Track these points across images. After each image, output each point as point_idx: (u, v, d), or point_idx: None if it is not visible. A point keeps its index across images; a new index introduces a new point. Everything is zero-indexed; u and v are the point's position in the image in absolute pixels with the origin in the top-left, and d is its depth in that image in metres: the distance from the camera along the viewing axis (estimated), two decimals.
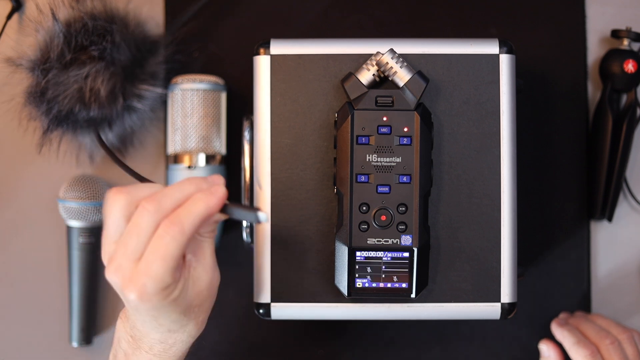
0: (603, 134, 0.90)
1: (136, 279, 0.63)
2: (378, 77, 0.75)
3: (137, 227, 0.63)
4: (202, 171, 0.87)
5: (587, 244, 0.92)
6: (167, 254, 0.63)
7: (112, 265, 0.64)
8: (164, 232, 0.63)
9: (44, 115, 0.85)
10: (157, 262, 0.63)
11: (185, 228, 0.63)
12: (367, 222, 0.73)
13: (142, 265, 0.63)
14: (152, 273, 0.63)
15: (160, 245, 0.63)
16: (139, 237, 0.63)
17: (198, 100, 0.87)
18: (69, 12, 0.85)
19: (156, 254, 0.63)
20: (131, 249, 0.63)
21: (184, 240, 0.63)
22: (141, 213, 0.63)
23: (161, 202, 0.64)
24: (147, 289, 0.63)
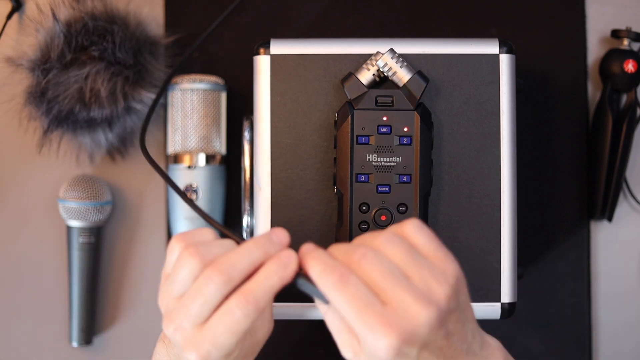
0: (603, 134, 0.90)
1: (200, 344, 0.61)
2: (378, 77, 0.75)
3: (202, 295, 0.60)
4: (202, 171, 0.87)
5: (587, 244, 0.92)
6: (237, 329, 0.60)
7: (173, 324, 0.62)
8: (237, 308, 0.60)
9: (44, 115, 0.86)
10: (225, 335, 0.60)
11: (260, 303, 0.60)
12: (367, 222, 0.73)
13: (209, 333, 0.61)
14: (218, 343, 0.61)
15: (231, 319, 0.60)
16: (203, 305, 0.61)
17: (198, 100, 0.87)
18: (70, 12, 0.85)
19: (226, 327, 0.60)
20: (194, 313, 0.61)
21: (257, 317, 0.61)
22: (207, 283, 0.60)
23: (230, 274, 0.60)
24: (211, 356, 0.61)
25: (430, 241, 0.61)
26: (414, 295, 0.57)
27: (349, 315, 0.57)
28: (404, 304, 0.57)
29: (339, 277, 0.58)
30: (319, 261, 0.59)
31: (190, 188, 0.87)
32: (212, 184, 0.88)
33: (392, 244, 0.60)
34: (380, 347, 0.56)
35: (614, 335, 0.92)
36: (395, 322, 0.56)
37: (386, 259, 0.59)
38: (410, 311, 0.57)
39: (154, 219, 0.93)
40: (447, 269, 0.60)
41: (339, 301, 0.57)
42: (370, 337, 0.57)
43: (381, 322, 0.56)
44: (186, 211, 0.87)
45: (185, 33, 0.92)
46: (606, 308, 0.92)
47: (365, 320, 0.57)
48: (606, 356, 0.92)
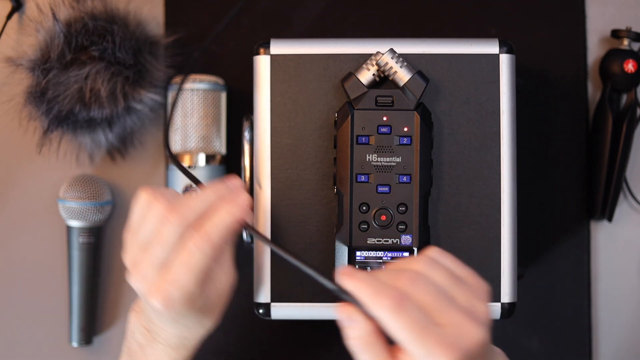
0: (603, 134, 0.90)
1: (162, 287, 0.64)
2: (378, 77, 0.75)
3: (161, 238, 0.65)
4: (202, 171, 0.87)
5: (587, 244, 0.92)
6: (194, 266, 0.64)
7: (137, 271, 0.66)
8: (193, 244, 0.64)
9: (44, 115, 0.86)
10: (184, 274, 0.64)
11: (214, 241, 0.65)
12: (367, 222, 0.73)
13: (169, 276, 0.64)
14: (179, 284, 0.64)
15: (188, 257, 0.64)
16: (163, 247, 0.65)
17: (198, 100, 0.87)
18: (70, 12, 0.85)
19: (184, 266, 0.64)
20: (156, 258, 0.65)
21: (212, 253, 0.65)
22: (165, 225, 0.65)
23: (184, 215, 0.65)
24: (173, 298, 0.64)
25: (456, 263, 0.63)
26: (465, 315, 0.59)
27: (407, 338, 0.57)
28: (458, 325, 0.58)
29: (396, 300, 0.57)
30: (368, 284, 0.59)
31: (190, 188, 0.87)
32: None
33: (432, 268, 0.61)
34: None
35: (614, 335, 0.92)
36: (453, 342, 0.57)
37: (433, 282, 0.60)
38: (465, 331, 0.58)
39: None
40: (480, 286, 0.62)
41: (396, 324, 0.57)
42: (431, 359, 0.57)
43: (441, 344, 0.57)
44: None
45: (185, 33, 0.92)
46: (606, 308, 0.92)
47: (425, 342, 0.57)
48: (606, 356, 0.92)
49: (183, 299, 0.65)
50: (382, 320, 0.58)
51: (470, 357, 0.58)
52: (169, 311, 0.65)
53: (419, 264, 0.61)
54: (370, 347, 0.59)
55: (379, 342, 0.59)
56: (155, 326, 0.71)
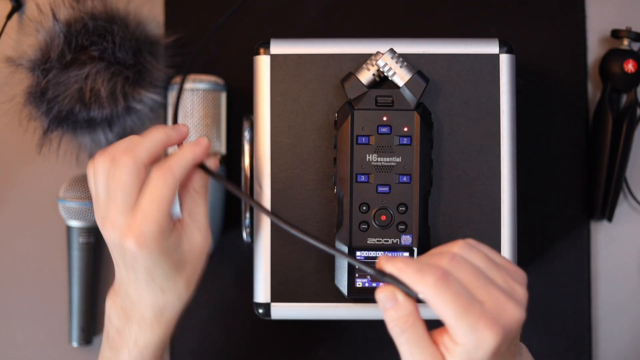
0: (603, 134, 0.90)
1: (134, 226, 0.66)
2: (378, 77, 0.75)
3: (120, 182, 0.66)
4: None
5: (587, 244, 0.92)
6: (160, 197, 0.66)
7: (107, 223, 0.67)
8: (156, 177, 0.66)
9: (44, 115, 0.86)
10: (152, 206, 0.66)
11: (175, 172, 0.67)
12: (367, 222, 0.73)
13: (139, 213, 0.66)
14: (149, 217, 0.66)
15: (153, 191, 0.66)
16: (124, 190, 0.66)
17: (198, 100, 0.87)
18: (70, 12, 0.85)
19: (151, 199, 0.66)
20: (120, 202, 0.66)
21: (175, 183, 0.67)
22: (120, 169, 0.66)
23: (135, 153, 0.67)
24: (146, 234, 0.66)
25: (493, 251, 0.64)
26: (505, 294, 0.60)
27: (451, 313, 0.58)
28: (499, 303, 0.60)
29: (440, 275, 0.59)
30: (410, 265, 0.60)
31: None
32: (212, 184, 0.88)
33: (470, 251, 0.62)
34: (485, 343, 0.58)
35: (614, 335, 0.92)
36: (496, 318, 0.59)
37: (472, 262, 0.61)
38: (506, 309, 0.60)
39: None
40: (519, 272, 0.64)
41: (441, 300, 0.58)
42: (474, 334, 0.58)
43: (484, 318, 0.58)
44: None
45: (185, 33, 0.92)
46: (606, 308, 0.92)
47: (468, 317, 0.58)
48: (606, 356, 0.92)
49: (155, 232, 0.66)
50: (427, 296, 0.59)
51: (509, 334, 0.59)
52: (142, 250, 0.66)
53: (457, 248, 0.62)
54: (410, 328, 0.60)
55: (419, 324, 0.60)
56: (130, 301, 0.71)
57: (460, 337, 0.59)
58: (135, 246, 0.66)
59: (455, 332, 0.59)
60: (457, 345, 0.59)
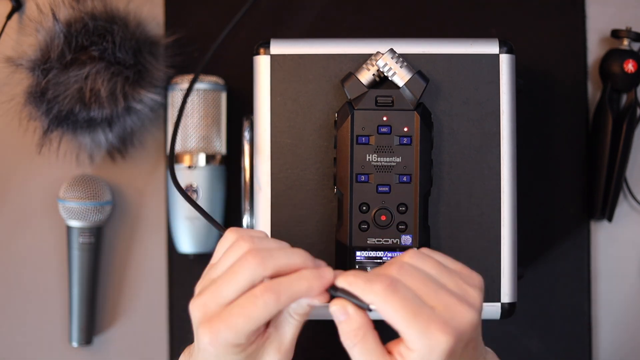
0: (603, 134, 0.90)
1: (215, 322, 0.62)
2: (378, 77, 0.75)
3: (234, 275, 0.63)
4: (202, 171, 0.87)
5: (587, 244, 0.92)
6: (253, 316, 0.62)
7: (199, 300, 0.64)
8: (260, 294, 0.62)
9: (44, 115, 0.86)
10: (240, 319, 0.62)
11: (281, 300, 0.62)
12: (367, 222, 0.73)
13: (226, 314, 0.62)
14: (231, 326, 0.62)
15: (250, 305, 0.62)
16: (231, 286, 0.62)
17: (198, 100, 0.87)
18: (70, 12, 0.85)
19: (243, 311, 0.62)
20: (221, 293, 0.63)
21: (275, 311, 0.62)
22: (242, 264, 0.63)
23: (265, 262, 0.62)
24: (220, 338, 0.62)
25: (446, 257, 0.65)
26: (456, 297, 0.61)
27: (401, 319, 0.59)
28: (450, 306, 0.60)
29: (388, 283, 0.59)
30: (359, 276, 0.61)
31: (190, 188, 0.87)
32: (212, 184, 0.88)
33: (420, 258, 0.63)
34: (437, 347, 0.58)
35: (614, 335, 0.92)
36: (448, 321, 0.59)
37: (422, 270, 0.62)
38: (457, 311, 0.60)
39: (154, 219, 0.93)
40: (473, 276, 0.64)
41: (390, 307, 0.59)
42: (425, 338, 0.58)
43: (436, 322, 0.59)
44: (186, 211, 0.87)
45: (185, 33, 0.92)
46: (606, 308, 0.92)
47: (418, 322, 0.59)
48: (606, 356, 0.92)
49: (230, 342, 0.63)
50: (376, 304, 0.59)
51: (462, 337, 0.59)
52: (213, 348, 0.63)
53: (406, 257, 0.63)
54: (362, 340, 0.61)
55: (370, 335, 0.61)
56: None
57: (412, 343, 0.59)
58: (207, 341, 0.63)
59: (408, 338, 0.59)
60: (411, 351, 0.59)
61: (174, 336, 0.92)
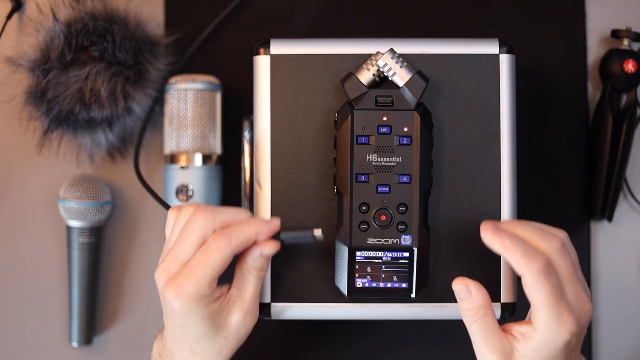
0: (603, 134, 0.90)
1: (176, 280, 0.67)
2: (378, 77, 0.75)
3: (186, 234, 0.68)
4: (198, 171, 0.87)
5: (587, 244, 0.92)
6: (209, 262, 0.67)
7: (160, 268, 0.69)
8: (212, 241, 0.67)
9: (44, 115, 0.86)
10: (198, 268, 0.67)
11: (232, 242, 0.67)
12: (367, 222, 0.73)
13: (185, 269, 0.67)
14: (192, 277, 0.67)
15: (205, 253, 0.67)
16: (186, 243, 0.68)
17: (193, 100, 0.87)
18: (70, 12, 0.85)
19: (199, 260, 0.67)
20: (179, 253, 0.68)
21: (228, 253, 0.67)
22: (192, 221, 0.68)
23: (213, 215, 0.68)
24: (184, 291, 0.67)
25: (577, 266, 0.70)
26: (586, 294, 0.68)
27: (544, 301, 0.65)
28: (581, 299, 0.67)
29: (545, 265, 0.65)
30: (519, 244, 0.66)
31: (184, 188, 0.87)
32: (207, 183, 0.88)
33: (565, 253, 0.68)
34: (563, 333, 0.65)
35: (614, 335, 0.92)
36: (577, 313, 0.66)
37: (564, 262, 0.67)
38: (584, 307, 0.67)
39: (154, 219, 0.93)
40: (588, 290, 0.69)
41: (539, 287, 0.65)
42: (556, 323, 0.65)
43: (570, 312, 0.65)
44: None
45: (185, 33, 0.92)
46: (606, 308, 0.92)
47: (558, 308, 0.65)
48: (606, 356, 0.92)
49: (193, 293, 0.67)
50: (526, 280, 0.65)
51: (582, 330, 0.67)
52: (177, 306, 0.67)
53: (557, 245, 0.68)
54: (482, 318, 0.68)
55: (489, 314, 0.68)
56: (166, 350, 0.72)
57: (542, 325, 0.65)
58: (172, 298, 0.67)
59: (541, 320, 0.65)
60: (536, 332, 0.66)
61: None
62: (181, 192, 0.87)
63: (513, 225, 0.69)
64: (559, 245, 0.67)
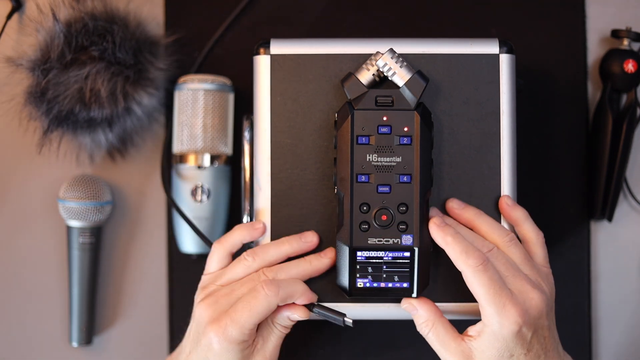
0: (603, 134, 0.90)
1: (222, 319, 0.70)
2: (378, 77, 0.75)
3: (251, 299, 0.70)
4: (208, 171, 0.87)
5: (587, 244, 0.92)
6: (254, 308, 0.70)
7: (210, 299, 0.72)
8: (261, 287, 0.71)
9: (44, 115, 0.86)
10: (244, 311, 0.70)
11: (280, 294, 0.71)
12: (367, 222, 0.73)
13: (231, 311, 0.70)
14: (237, 321, 0.70)
15: (252, 298, 0.70)
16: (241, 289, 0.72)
17: (208, 101, 0.87)
18: (70, 12, 0.85)
19: (246, 304, 0.70)
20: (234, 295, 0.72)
21: (274, 304, 0.71)
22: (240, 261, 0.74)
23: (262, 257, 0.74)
24: (227, 333, 0.70)
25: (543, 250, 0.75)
26: (531, 285, 0.70)
27: (485, 294, 0.69)
28: (524, 291, 0.70)
29: (482, 261, 0.70)
30: (459, 241, 0.71)
31: (200, 188, 0.87)
32: (218, 184, 0.88)
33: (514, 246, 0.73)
34: (508, 323, 0.68)
35: (614, 335, 0.92)
36: (520, 303, 0.69)
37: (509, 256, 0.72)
38: (529, 296, 0.70)
39: (154, 219, 0.93)
40: (549, 275, 0.74)
41: (478, 281, 0.69)
42: (500, 315, 0.68)
43: (512, 302, 0.68)
44: (190, 211, 0.87)
45: (185, 33, 0.92)
46: (606, 308, 0.92)
47: (499, 300, 0.68)
48: (606, 356, 0.92)
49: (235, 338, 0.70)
50: (466, 275, 0.70)
51: (531, 320, 0.69)
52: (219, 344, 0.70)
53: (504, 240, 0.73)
54: (433, 328, 0.72)
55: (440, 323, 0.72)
56: None
57: (487, 318, 0.69)
58: (214, 337, 0.70)
59: (485, 313, 0.69)
60: (485, 326, 0.69)
61: (174, 336, 0.92)
62: (196, 192, 0.87)
63: (471, 215, 0.74)
64: (507, 239, 0.72)
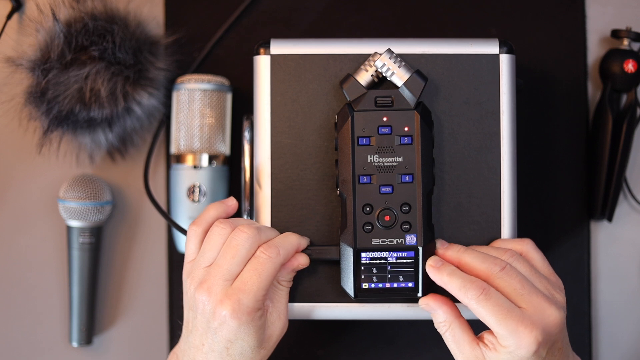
0: (603, 134, 0.90)
1: (230, 295, 0.69)
2: (376, 78, 0.75)
3: (233, 248, 0.70)
4: (206, 171, 0.87)
5: (587, 244, 0.92)
6: (264, 272, 0.70)
7: (203, 286, 0.70)
8: (262, 253, 0.70)
9: (44, 115, 0.85)
10: (253, 279, 0.69)
11: (281, 252, 0.71)
12: (371, 223, 0.73)
13: (238, 283, 0.70)
14: (248, 289, 0.69)
15: (258, 265, 0.70)
16: (234, 258, 0.70)
17: (205, 101, 0.87)
18: (70, 12, 0.85)
19: (254, 272, 0.70)
20: (225, 270, 0.70)
21: (278, 263, 0.71)
22: (239, 235, 0.71)
23: (259, 233, 0.71)
24: (242, 304, 0.69)
25: (543, 260, 0.74)
26: (546, 299, 0.69)
27: (493, 320, 0.68)
28: (540, 307, 0.68)
29: (482, 290, 0.68)
30: (457, 276, 0.70)
31: (196, 188, 0.87)
32: (215, 184, 0.88)
33: (518, 261, 0.71)
34: (525, 344, 0.67)
35: (614, 335, 0.92)
36: (536, 321, 0.67)
37: (519, 271, 0.70)
38: (545, 312, 0.68)
39: (154, 219, 0.93)
40: (559, 283, 0.73)
41: (483, 310, 0.68)
42: (514, 337, 0.67)
43: (525, 323, 0.67)
44: (188, 210, 0.87)
45: (185, 33, 0.92)
46: (606, 308, 0.92)
47: (508, 323, 0.67)
48: (606, 356, 0.93)
49: (250, 306, 0.69)
50: (471, 308, 0.69)
51: (549, 336, 0.68)
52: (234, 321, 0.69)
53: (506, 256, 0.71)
54: (450, 328, 0.71)
55: (457, 324, 0.71)
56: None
57: (503, 340, 0.67)
58: (230, 314, 0.69)
59: (499, 336, 0.68)
60: (502, 347, 0.68)
61: (174, 336, 0.92)
62: (193, 192, 0.87)
63: (460, 254, 0.72)
64: (498, 269, 0.70)
